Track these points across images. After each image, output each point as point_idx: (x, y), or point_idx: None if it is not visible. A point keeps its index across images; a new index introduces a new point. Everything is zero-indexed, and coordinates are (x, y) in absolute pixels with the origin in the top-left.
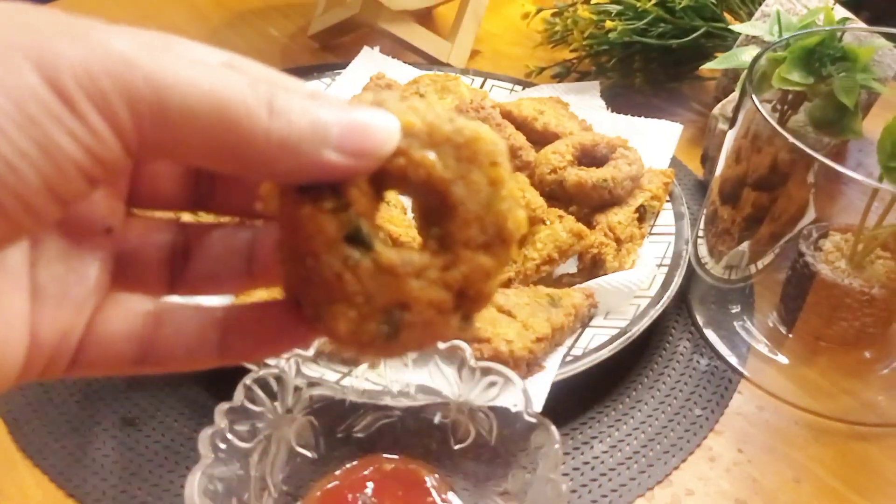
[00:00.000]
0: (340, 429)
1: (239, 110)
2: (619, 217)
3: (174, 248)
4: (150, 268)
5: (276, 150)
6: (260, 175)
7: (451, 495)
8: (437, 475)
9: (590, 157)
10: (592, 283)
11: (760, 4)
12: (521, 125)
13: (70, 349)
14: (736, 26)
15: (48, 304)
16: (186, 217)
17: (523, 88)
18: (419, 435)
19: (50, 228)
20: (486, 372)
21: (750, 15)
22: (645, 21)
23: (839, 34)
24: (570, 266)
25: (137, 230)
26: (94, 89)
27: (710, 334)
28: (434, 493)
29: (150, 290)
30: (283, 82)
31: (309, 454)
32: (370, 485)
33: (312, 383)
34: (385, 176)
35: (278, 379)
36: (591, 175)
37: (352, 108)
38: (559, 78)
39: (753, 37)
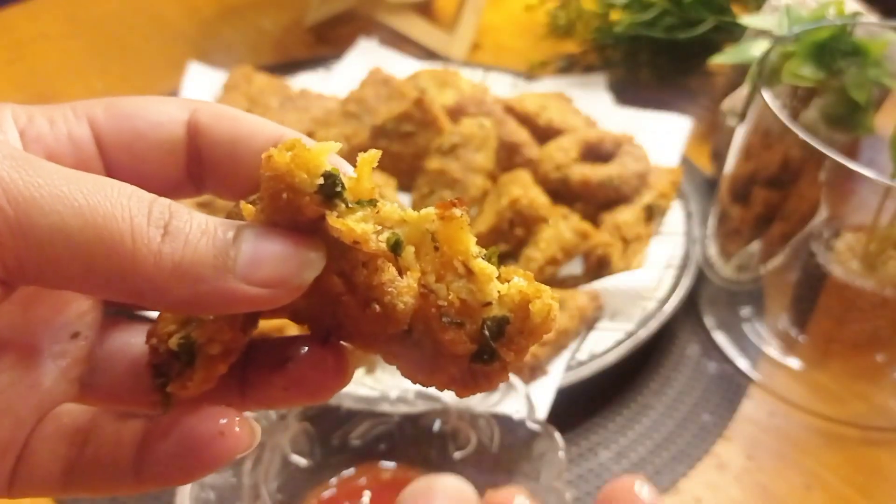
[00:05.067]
0: (336, 436)
1: (122, 230)
2: (626, 216)
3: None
4: (122, 374)
5: (168, 278)
6: (154, 306)
7: None
8: None
9: (595, 153)
10: (598, 285)
11: None
12: (524, 121)
13: (7, 467)
14: (744, 19)
15: None
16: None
17: (526, 82)
18: (418, 442)
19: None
20: None
21: (759, 7)
22: (652, 14)
23: (850, 28)
24: (575, 266)
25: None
26: None
27: (720, 337)
28: None
29: (120, 401)
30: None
31: (304, 462)
32: (367, 494)
33: None
34: None
35: None
36: (596, 172)
37: (268, 231)
38: (564, 71)
39: (763, 30)
